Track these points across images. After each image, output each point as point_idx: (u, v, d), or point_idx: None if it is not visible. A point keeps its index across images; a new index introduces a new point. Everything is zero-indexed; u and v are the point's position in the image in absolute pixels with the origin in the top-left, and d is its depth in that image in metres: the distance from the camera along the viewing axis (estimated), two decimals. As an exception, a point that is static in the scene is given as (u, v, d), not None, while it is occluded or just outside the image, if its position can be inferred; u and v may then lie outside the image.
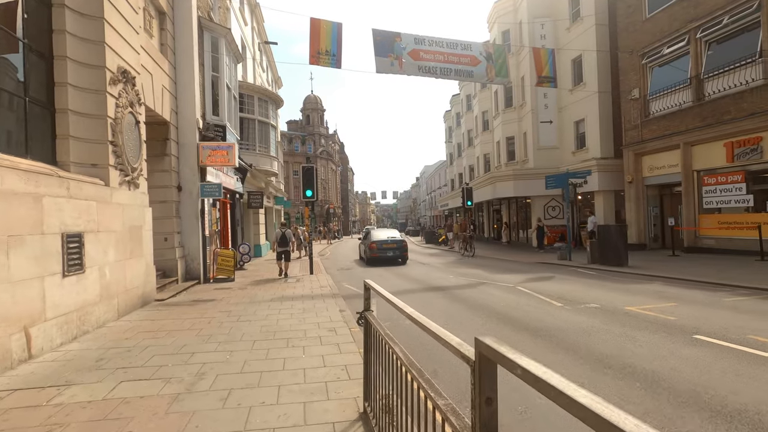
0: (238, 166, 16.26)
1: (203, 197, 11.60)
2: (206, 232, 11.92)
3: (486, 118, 32.63)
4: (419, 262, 17.71)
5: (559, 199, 22.94)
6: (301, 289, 10.32)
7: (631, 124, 17.82)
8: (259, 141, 19.54)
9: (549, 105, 23.28)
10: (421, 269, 15.00)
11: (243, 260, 15.88)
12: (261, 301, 8.60)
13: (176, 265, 10.76)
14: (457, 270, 14.28)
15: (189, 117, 11.46)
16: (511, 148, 25.98)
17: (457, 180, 45.46)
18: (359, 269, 15.81)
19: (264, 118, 19.76)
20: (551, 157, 23.19)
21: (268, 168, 20.08)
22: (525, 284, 10.31)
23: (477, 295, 9.12)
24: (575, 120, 22.02)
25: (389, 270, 15.07)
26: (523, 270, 13.59)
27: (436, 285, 10.85)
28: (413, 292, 9.95)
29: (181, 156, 11.41)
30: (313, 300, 8.68)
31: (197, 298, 9.18)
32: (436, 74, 14.84)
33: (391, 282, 11.75)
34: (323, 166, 62.84)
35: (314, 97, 63.77)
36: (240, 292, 10.04)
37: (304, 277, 13.01)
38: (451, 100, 46.25)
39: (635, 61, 17.37)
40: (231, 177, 15.32)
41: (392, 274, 13.66)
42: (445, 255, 21.89)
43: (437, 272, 13.83)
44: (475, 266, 15.40)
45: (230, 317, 7.05)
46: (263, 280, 12.25)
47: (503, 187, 23.62)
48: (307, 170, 13.66)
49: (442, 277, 12.34)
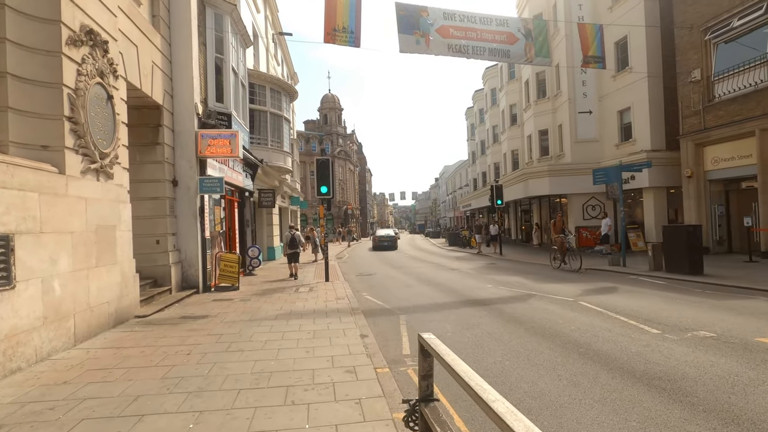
0: (248, 160, 14.78)
1: (203, 193, 10.08)
2: (206, 233, 10.40)
3: (514, 111, 30.50)
4: (448, 268, 15.87)
5: (600, 197, 20.73)
6: (313, 302, 8.64)
7: (690, 110, 15.58)
8: (271, 135, 18.05)
9: (588, 94, 21.10)
10: (451, 276, 13.16)
11: (252, 265, 14.37)
12: (263, 319, 6.95)
13: (169, 272, 9.24)
14: (493, 277, 12.40)
15: (186, 101, 9.96)
16: (545, 143, 23.85)
17: (481, 179, 43.34)
18: (381, 275, 14.08)
19: (277, 111, 18.28)
20: (590, 151, 20.99)
21: (281, 164, 18.57)
22: (586, 298, 8.38)
23: (531, 312, 7.26)
24: (619, 109, 19.79)
25: (418, 278, 13.28)
26: (573, 278, 11.61)
27: (475, 297, 9.01)
28: (449, 307, 8.15)
29: (177, 146, 9.91)
30: (326, 318, 6.99)
31: (188, 313, 7.59)
32: (468, 53, 13.02)
33: (420, 291, 9.97)
34: (341, 167, 61.49)
35: (332, 96, 62.58)
36: (241, 305, 8.43)
37: (319, 285, 11.36)
38: (474, 96, 44.21)
39: (696, 38, 15.15)
40: (238, 173, 13.82)
41: (421, 283, 11.87)
42: (473, 259, 19.97)
43: (471, 280, 11.98)
44: (512, 272, 13.47)
45: (218, 345, 5.41)
46: (271, 289, 10.64)
47: (537, 184, 21.54)
48: (321, 163, 12.03)
49: (478, 287, 10.49)
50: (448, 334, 5.98)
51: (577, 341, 5.40)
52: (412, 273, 14.38)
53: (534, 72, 24.09)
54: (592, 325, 6.20)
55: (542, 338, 5.61)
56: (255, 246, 14.67)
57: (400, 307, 8.15)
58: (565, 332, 5.85)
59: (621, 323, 6.23)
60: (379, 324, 6.79)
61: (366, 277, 13.79)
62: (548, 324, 6.36)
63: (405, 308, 8.08)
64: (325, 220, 13.54)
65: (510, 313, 7.26)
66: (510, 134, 30.73)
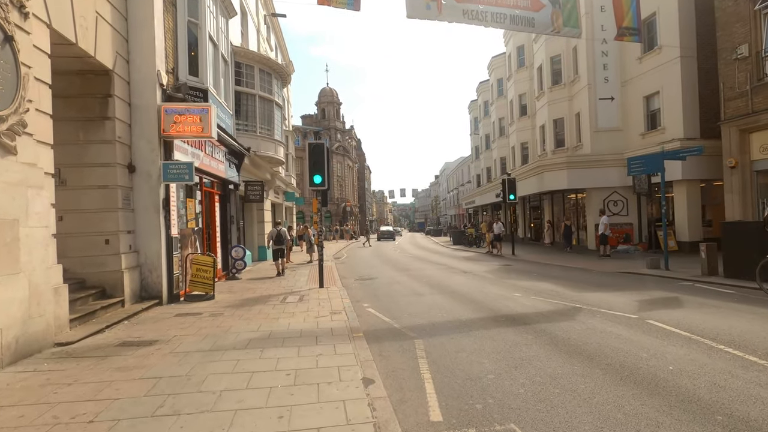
0: (233, 148, 12.90)
1: (168, 182, 8.20)
2: (173, 231, 8.52)
3: (523, 102, 28.64)
4: (459, 270, 14.02)
5: (623, 192, 18.91)
6: (301, 317, 6.79)
7: (734, 91, 13.73)
8: (260, 122, 16.16)
9: (610, 78, 19.24)
10: (466, 281, 11.31)
11: (236, 267, 12.50)
12: (229, 348, 5.09)
13: (122, 279, 7.37)
14: (516, 282, 10.56)
15: (146, 68, 8.07)
16: (560, 133, 22.00)
17: (485, 175, 41.52)
18: (384, 279, 12.22)
19: (266, 94, 16.38)
20: (612, 141, 19.14)
21: (272, 154, 16.69)
22: (652, 314, 6.53)
23: (591, 337, 5.41)
24: (645, 95, 17.95)
25: (428, 284, 11.44)
26: (614, 284, 9.78)
27: (507, 311, 7.16)
28: (478, 325, 6.30)
29: (136, 123, 8.02)
30: (316, 346, 5.13)
31: (133, 336, 5.73)
32: (486, 21, 11.13)
33: (434, 302, 8.13)
34: (339, 162, 59.63)
35: (330, 90, 60.64)
36: (209, 322, 6.57)
37: (311, 292, 9.49)
38: (478, 88, 42.31)
39: (742, 8, 13.29)
40: (220, 161, 11.95)
41: (433, 290, 10.01)
42: (484, 259, 18.12)
43: (492, 286, 10.13)
44: (537, 276, 11.63)
45: (146, 401, 3.54)
46: (253, 299, 8.77)
47: (554, 177, 19.68)
48: (315, 149, 10.15)
49: (505, 296, 8.64)
50: (489, 376, 4.13)
51: (697, 395, 3.55)
52: (419, 277, 12.53)
53: (548, 57, 22.23)
54: (696, 362, 4.34)
55: (638, 388, 3.75)
56: (239, 246, 12.80)
57: (413, 327, 6.30)
58: (663, 376, 4.00)
59: (735, 359, 4.39)
60: (388, 356, 4.94)
61: (367, 281, 11.93)
62: (629, 359, 4.51)
63: (419, 328, 6.23)
64: (322, 216, 11.66)
65: (563, 338, 5.41)
66: (519, 126, 28.88)
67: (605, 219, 16.71)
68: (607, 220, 16.78)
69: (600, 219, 16.89)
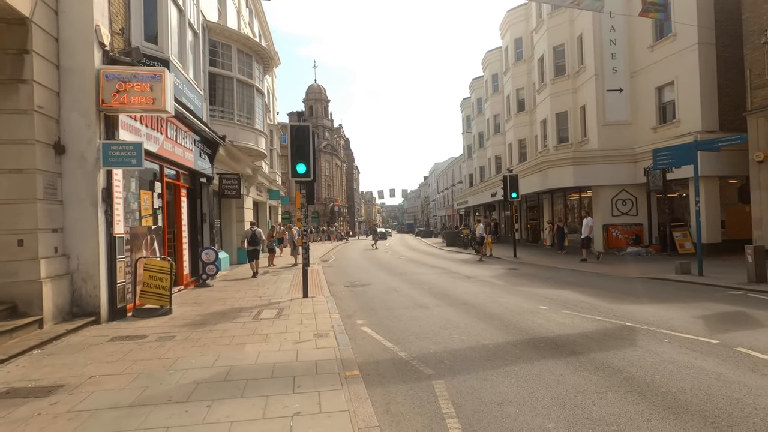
0: (204, 135, 11.17)
1: (109, 167, 6.47)
2: (117, 229, 6.78)
3: (521, 96, 27.36)
4: (462, 275, 12.47)
5: (632, 190, 17.65)
6: (276, 342, 5.13)
7: (763, 79, 12.50)
8: (239, 109, 14.42)
9: (619, 69, 17.97)
10: (475, 289, 9.76)
11: (207, 272, 10.76)
12: (162, 401, 3.42)
13: (39, 291, 5.62)
14: (533, 291, 9.05)
15: (81, 22, 6.32)
16: (563, 128, 20.66)
17: (478, 174, 40.24)
18: (379, 285, 10.61)
19: (246, 79, 14.66)
20: (621, 136, 17.86)
21: (252, 145, 14.95)
22: (736, 338, 5.05)
23: (683, 379, 3.88)
24: (658, 85, 16.70)
25: (432, 292, 9.86)
26: (652, 294, 8.33)
27: (540, 333, 5.61)
28: (513, 356, 4.73)
29: (66, 90, 6.27)
30: (293, 395, 3.50)
31: (27, 380, 4.00)
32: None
33: (445, 317, 6.55)
34: (327, 161, 57.86)
35: (318, 87, 58.87)
36: (152, 350, 4.88)
37: (293, 304, 7.82)
38: (471, 85, 41.01)
39: (774, -13, 12.08)
40: (187, 149, 10.20)
41: (439, 300, 8.43)
42: (484, 263, 16.64)
43: (508, 296, 8.59)
44: (553, 283, 10.16)
45: None
46: (220, 313, 7.09)
47: (558, 174, 18.30)
48: (298, 132, 8.49)
49: (529, 309, 7.10)
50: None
51: None
52: (419, 283, 10.95)
53: (550, 46, 20.90)
54: None
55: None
56: (210, 248, 11.04)
57: (426, 357, 4.71)
58: None
59: None
60: (399, 415, 3.32)
61: (359, 289, 10.30)
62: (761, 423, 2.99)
63: (435, 359, 4.63)
64: (307, 213, 9.98)
65: (642, 378, 3.85)
66: (517, 122, 27.57)
67: (590, 221, 15.47)
68: (592, 222, 15.61)
69: (584, 221, 15.54)
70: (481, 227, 18.96)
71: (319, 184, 52.90)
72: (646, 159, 16.64)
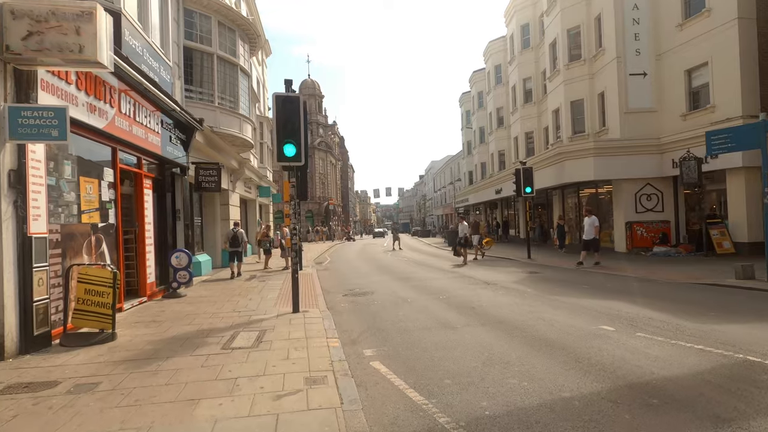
0: (175, 116, 9.36)
1: (17, 140, 4.66)
2: (33, 228, 4.96)
3: (529, 86, 25.71)
4: (478, 280, 10.73)
5: (656, 184, 16.05)
6: (245, 401, 3.33)
7: (822, 53, 10.92)
8: (220, 90, 12.61)
9: (642, 50, 16.35)
10: (501, 298, 8.03)
11: (179, 280, 8.96)
12: None
13: None
14: (576, 301, 7.34)
15: (-23, -64, 4.51)
16: (579, 118, 19.01)
17: (479, 171, 38.61)
18: (384, 293, 8.84)
19: (229, 56, 12.85)
20: (645, 124, 16.25)
21: (236, 132, 13.14)
22: None
23: None
24: (688, 68, 15.09)
25: (451, 303, 8.13)
26: (733, 306, 6.65)
27: (636, 374, 3.87)
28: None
29: (-47, 32, 4.46)
30: None
31: None
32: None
33: (485, 343, 4.80)
34: (322, 159, 55.98)
35: (311, 82, 56.94)
36: (42, 421, 3.08)
37: (279, 323, 6.03)
38: (472, 78, 39.38)
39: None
40: (152, 130, 8.37)
41: (466, 317, 6.68)
42: (497, 264, 14.95)
43: (550, 309, 6.87)
44: (595, 292, 8.47)
45: None
46: (179, 340, 5.29)
47: (577, 167, 16.63)
48: (285, 103, 6.70)
49: (590, 331, 5.37)
50: None
51: None
52: (431, 291, 9.21)
53: (564, 29, 19.24)
54: None
55: None
56: (182, 250, 9.21)
57: (483, 425, 2.96)
58: None
59: None
60: None
61: (362, 299, 8.53)
62: None
63: (499, 430, 2.89)
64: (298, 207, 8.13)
65: None
66: (523, 113, 25.92)
67: (594, 220, 12.81)
68: (597, 221, 12.90)
69: (586, 219, 12.95)
70: (465, 226, 16.54)
71: (313, 181, 51.03)
72: (674, 149, 15.06)
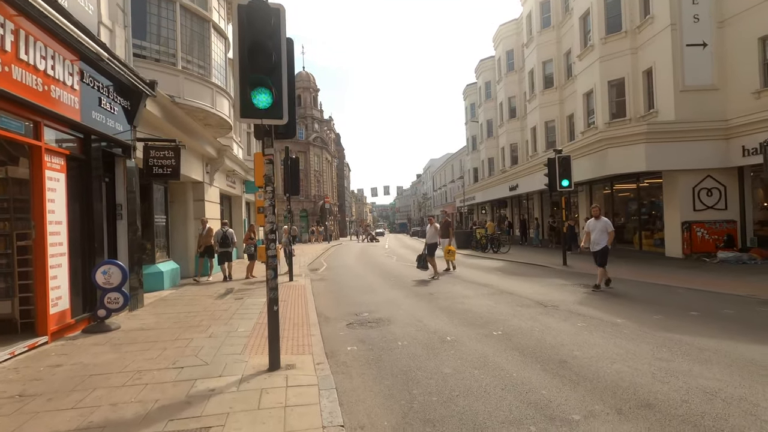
0: (109, 72, 6.53)
1: None
2: None
3: (549, 71, 23.02)
4: (525, 298, 7.96)
5: (718, 176, 13.41)
6: None
7: None
8: (184, 50, 9.76)
9: (701, 17, 13.69)
10: (596, 339, 5.29)
11: (108, 306, 6.12)
12: None
13: None
14: (745, 350, 4.64)
15: None
16: (619, 100, 16.32)
17: (485, 167, 35.92)
18: (407, 324, 6.08)
19: (197, 7, 10.00)
20: (704, 105, 13.60)
21: (207, 106, 10.28)
22: None
23: None
24: (761, 35, 12.48)
25: (510, 342, 5.33)
26: None
27: None
28: None
29: None
30: None
31: None
32: None
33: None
34: (317, 155, 53.07)
35: (306, 75, 54.05)
36: None
37: (238, 404, 3.18)
38: (478, 68, 36.67)
39: None
40: (62, 83, 5.52)
41: (585, 394, 3.92)
42: (530, 274, 12.20)
43: (688, 364, 4.16)
44: (714, 321, 5.78)
45: None
46: None
47: (623, 155, 13.91)
48: (253, 15, 3.90)
49: None
50: None
51: None
52: (470, 317, 6.42)
53: (600, -3, 16.56)
54: None
55: None
56: (113, 262, 6.32)
57: None
58: None
59: None
60: None
61: (374, 333, 5.71)
62: None
63: None
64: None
65: None
66: (543, 101, 23.22)
67: (609, 224, 8.92)
68: (611, 225, 8.89)
69: (598, 223, 8.87)
70: (436, 228, 12.54)
71: (308, 179, 48.16)
72: (744, 133, 12.45)
